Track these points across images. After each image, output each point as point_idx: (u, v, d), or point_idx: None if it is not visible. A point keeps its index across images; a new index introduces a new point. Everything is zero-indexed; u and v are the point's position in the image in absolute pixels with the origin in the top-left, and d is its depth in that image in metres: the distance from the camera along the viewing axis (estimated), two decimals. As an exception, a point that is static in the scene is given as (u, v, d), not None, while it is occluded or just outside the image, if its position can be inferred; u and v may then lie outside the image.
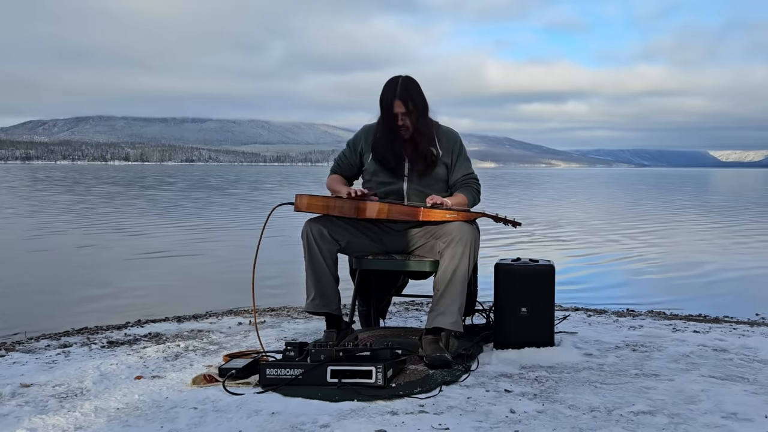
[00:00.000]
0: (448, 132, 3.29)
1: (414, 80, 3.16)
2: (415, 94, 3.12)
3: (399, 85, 3.11)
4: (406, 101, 3.09)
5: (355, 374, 2.59)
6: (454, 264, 2.97)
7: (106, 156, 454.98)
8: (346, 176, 3.38)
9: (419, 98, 3.14)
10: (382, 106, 3.13)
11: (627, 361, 3.09)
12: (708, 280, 7.11)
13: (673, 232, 12.72)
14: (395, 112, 3.10)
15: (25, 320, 4.75)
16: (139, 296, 5.94)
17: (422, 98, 3.16)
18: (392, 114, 3.11)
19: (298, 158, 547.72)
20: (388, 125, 3.14)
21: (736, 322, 4.19)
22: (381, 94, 3.14)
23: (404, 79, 3.13)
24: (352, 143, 3.38)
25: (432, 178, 3.21)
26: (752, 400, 2.53)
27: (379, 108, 3.16)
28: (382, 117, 3.17)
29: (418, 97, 3.13)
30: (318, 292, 3.09)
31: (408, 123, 3.12)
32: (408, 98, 3.10)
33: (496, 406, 2.44)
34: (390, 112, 3.11)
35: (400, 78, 3.14)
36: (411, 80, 3.15)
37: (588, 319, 4.14)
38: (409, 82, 3.13)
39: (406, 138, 3.16)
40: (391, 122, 3.12)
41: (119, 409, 2.42)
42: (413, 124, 3.13)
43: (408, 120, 3.12)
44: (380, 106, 3.15)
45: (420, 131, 3.15)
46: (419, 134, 3.15)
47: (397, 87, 3.10)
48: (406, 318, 4.18)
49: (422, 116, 3.15)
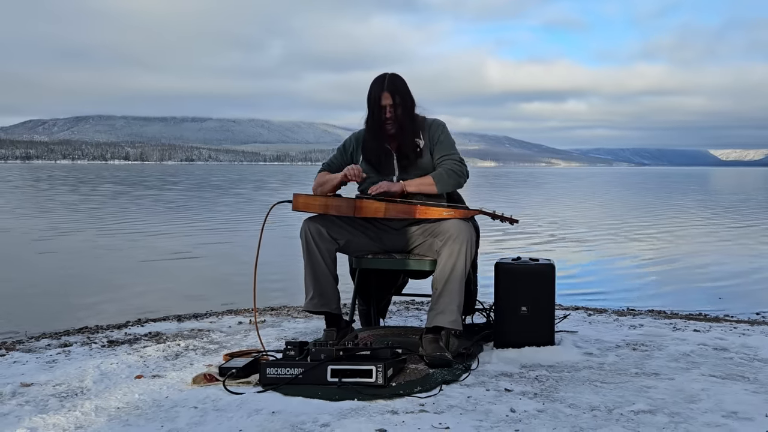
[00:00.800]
0: (432, 122, 3.30)
1: (400, 77, 3.20)
2: (402, 89, 3.17)
3: (386, 80, 3.16)
4: (393, 94, 3.13)
5: (355, 373, 2.59)
6: (451, 262, 2.97)
7: (106, 155, 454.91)
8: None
9: (406, 92, 3.18)
10: (370, 99, 3.17)
11: (627, 360, 3.09)
12: (708, 279, 7.12)
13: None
14: (383, 104, 3.13)
15: (26, 319, 4.76)
16: (139, 295, 5.94)
17: (409, 93, 3.20)
18: (380, 106, 3.14)
19: (298, 157, 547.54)
20: (376, 118, 3.16)
21: (736, 321, 4.19)
22: (369, 90, 3.18)
23: (391, 75, 3.19)
24: (342, 147, 3.41)
25: (420, 168, 3.21)
26: (753, 399, 2.53)
27: (367, 106, 3.19)
28: (369, 111, 3.20)
29: (404, 91, 3.18)
30: (317, 291, 3.09)
31: (395, 116, 3.14)
32: (395, 91, 3.14)
33: (496, 405, 2.44)
34: (378, 104, 3.14)
35: (387, 74, 3.19)
36: (398, 76, 3.20)
37: (588, 318, 4.14)
38: (396, 78, 3.18)
39: (393, 132, 3.17)
40: (379, 114, 3.14)
41: (120, 409, 2.42)
42: (399, 117, 3.14)
43: (395, 112, 3.14)
44: (368, 101, 3.18)
45: (405, 124, 3.16)
46: (404, 127, 3.16)
47: (385, 81, 3.15)
48: (407, 317, 4.18)
49: (409, 110, 3.18)
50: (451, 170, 3.16)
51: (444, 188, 3.16)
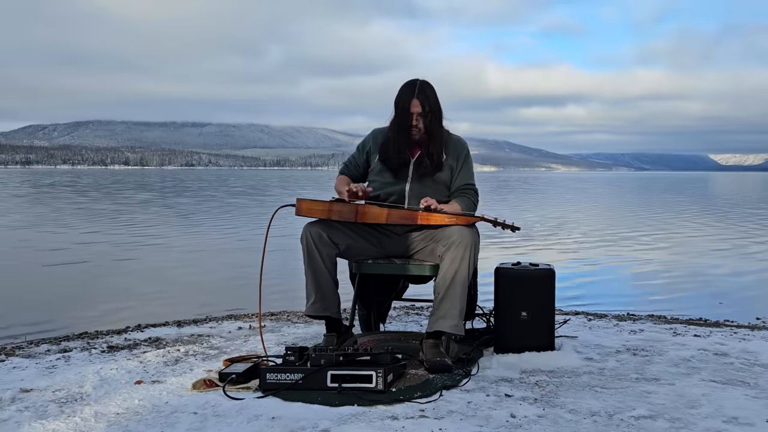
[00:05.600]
0: (457, 140, 3.33)
1: (431, 85, 3.22)
2: (432, 98, 3.19)
3: (417, 87, 3.17)
4: (423, 102, 3.15)
5: (355, 379, 2.59)
6: (454, 267, 2.97)
7: (106, 160, 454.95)
8: (353, 177, 3.41)
9: (435, 102, 3.20)
10: (399, 104, 3.18)
11: (627, 365, 3.09)
12: (709, 284, 7.11)
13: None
14: (411, 111, 3.15)
15: (25, 325, 4.75)
16: (139, 299, 5.93)
17: (438, 103, 3.22)
18: (408, 113, 3.15)
19: (298, 162, 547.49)
20: (402, 123, 3.17)
21: (736, 326, 4.19)
22: (398, 94, 3.19)
23: (422, 82, 3.20)
24: (361, 145, 3.43)
25: (435, 181, 3.22)
26: (753, 405, 2.53)
27: (393, 108, 3.21)
28: (396, 116, 3.21)
29: (434, 100, 3.20)
30: (318, 296, 3.09)
31: (422, 124, 3.16)
32: (425, 100, 3.16)
33: (496, 410, 2.44)
34: (406, 111, 3.16)
35: (418, 80, 3.20)
36: (429, 84, 3.22)
37: (588, 323, 4.13)
38: (426, 85, 3.20)
39: (416, 139, 3.19)
40: (406, 120, 3.16)
41: (119, 414, 2.42)
42: (426, 126, 3.16)
43: (422, 121, 3.16)
44: (396, 106, 3.20)
45: (432, 134, 3.18)
46: (430, 136, 3.18)
47: (416, 88, 3.16)
48: (407, 322, 4.18)
49: (436, 120, 3.20)
50: (473, 204, 3.24)
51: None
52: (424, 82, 3.20)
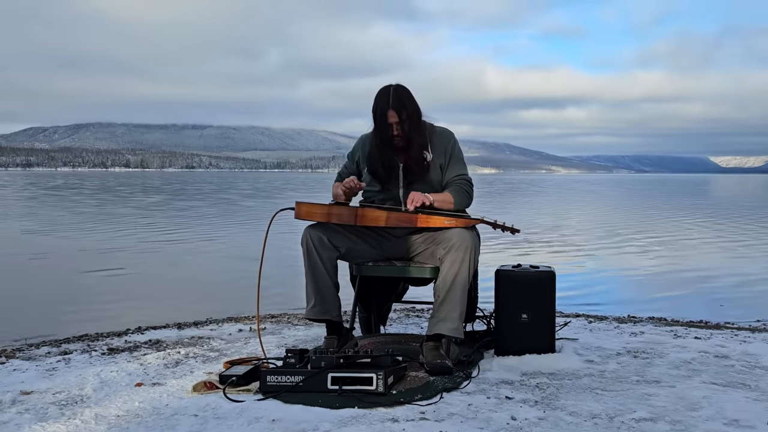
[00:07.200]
0: (441, 133, 3.27)
1: (405, 88, 3.15)
2: (408, 103, 3.12)
3: (391, 95, 3.10)
4: (399, 111, 3.09)
5: (355, 381, 2.58)
6: (454, 270, 2.97)
7: (106, 162, 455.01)
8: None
9: (412, 106, 3.13)
10: (376, 116, 3.13)
11: (628, 367, 3.08)
12: (709, 286, 7.11)
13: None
14: (389, 122, 3.10)
15: (25, 327, 4.75)
16: (141, 302, 5.93)
17: (415, 106, 3.15)
18: (386, 124, 3.11)
19: (298, 164, 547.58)
20: (383, 135, 3.14)
21: (737, 329, 4.18)
22: (374, 104, 3.14)
23: (396, 88, 3.12)
24: (350, 153, 3.41)
25: (426, 183, 3.20)
26: (754, 407, 2.52)
27: (372, 119, 3.16)
28: (375, 127, 3.17)
29: (410, 105, 3.13)
30: (318, 299, 3.08)
31: (402, 132, 3.12)
32: (401, 108, 3.09)
33: (497, 413, 2.44)
34: (384, 123, 3.11)
35: (391, 87, 3.13)
36: (403, 89, 3.14)
37: (589, 326, 4.13)
38: (401, 91, 3.12)
39: (400, 146, 3.16)
40: (386, 132, 3.12)
41: (119, 417, 2.42)
42: (406, 133, 3.12)
43: (402, 129, 3.11)
44: (374, 117, 3.15)
45: (412, 140, 3.14)
46: (412, 143, 3.15)
47: (389, 97, 3.09)
48: (407, 324, 4.18)
49: (415, 124, 3.15)
50: (467, 193, 3.19)
51: (459, 207, 3.18)
52: (397, 88, 3.12)
